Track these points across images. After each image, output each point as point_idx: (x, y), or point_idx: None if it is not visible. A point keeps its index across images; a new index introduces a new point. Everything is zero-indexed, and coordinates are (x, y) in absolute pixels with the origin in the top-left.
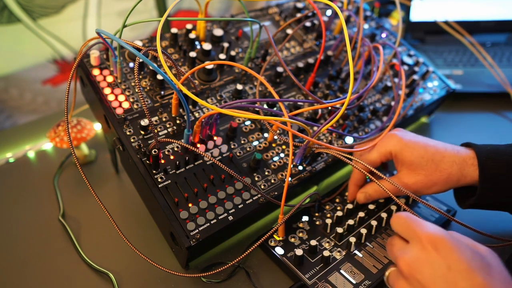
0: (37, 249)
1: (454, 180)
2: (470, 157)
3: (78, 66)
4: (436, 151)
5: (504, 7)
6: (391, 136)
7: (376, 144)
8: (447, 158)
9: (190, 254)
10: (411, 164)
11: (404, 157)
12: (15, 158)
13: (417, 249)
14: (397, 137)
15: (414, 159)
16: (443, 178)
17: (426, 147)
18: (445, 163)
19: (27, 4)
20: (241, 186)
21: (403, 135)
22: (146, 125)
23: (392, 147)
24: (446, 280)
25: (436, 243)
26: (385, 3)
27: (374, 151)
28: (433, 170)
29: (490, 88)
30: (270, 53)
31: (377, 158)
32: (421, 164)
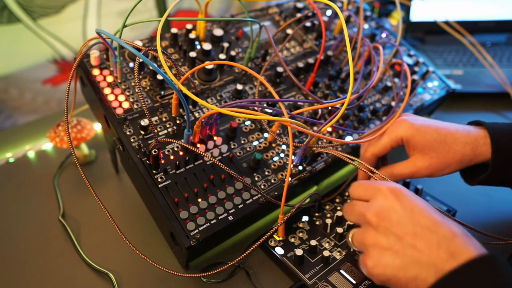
0: (37, 249)
1: (467, 160)
2: (482, 136)
3: (78, 66)
4: (448, 133)
5: (504, 7)
6: (401, 121)
7: (385, 131)
8: (459, 139)
9: (190, 254)
10: (423, 148)
11: (417, 141)
12: (15, 158)
13: (381, 200)
14: (408, 122)
15: (426, 143)
16: (457, 159)
17: (438, 129)
18: (457, 144)
19: (27, 4)
20: (241, 186)
21: (414, 120)
22: (146, 125)
23: (403, 132)
24: (411, 221)
25: (397, 193)
26: (385, 3)
27: (385, 137)
28: (446, 152)
29: (490, 88)
30: (270, 53)
31: (387, 144)
32: (434, 147)
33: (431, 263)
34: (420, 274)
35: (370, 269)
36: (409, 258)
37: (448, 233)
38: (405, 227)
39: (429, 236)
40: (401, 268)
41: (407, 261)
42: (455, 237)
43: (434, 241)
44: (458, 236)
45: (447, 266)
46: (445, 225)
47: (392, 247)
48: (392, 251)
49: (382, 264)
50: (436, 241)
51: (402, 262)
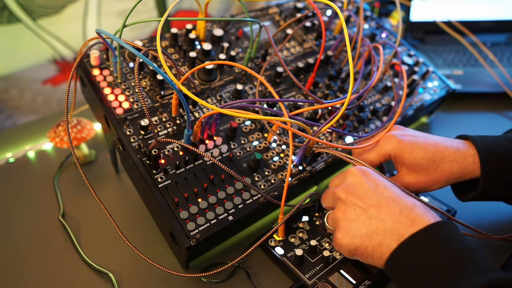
0: (37, 249)
1: (455, 178)
2: (470, 154)
3: (78, 66)
4: (436, 151)
5: (504, 7)
6: (389, 137)
7: (375, 143)
8: (447, 157)
9: (190, 254)
10: (411, 165)
11: (404, 158)
12: (15, 158)
13: (350, 179)
14: (396, 138)
15: (414, 160)
16: (444, 177)
17: (426, 147)
18: (446, 162)
19: (27, 4)
20: (241, 186)
21: (402, 136)
22: (146, 125)
23: (390, 149)
24: (376, 193)
25: (364, 172)
26: (385, 3)
27: (373, 152)
28: (433, 170)
29: (490, 88)
30: (270, 53)
31: (375, 159)
32: (422, 165)
33: (393, 229)
34: (384, 240)
35: (339, 240)
36: (374, 226)
37: (408, 203)
38: (370, 199)
39: (391, 205)
40: (367, 236)
41: (372, 229)
42: (415, 207)
43: (396, 210)
44: (417, 206)
45: (408, 231)
46: (406, 197)
47: (358, 217)
48: (359, 221)
49: (350, 234)
50: (398, 209)
51: (368, 231)
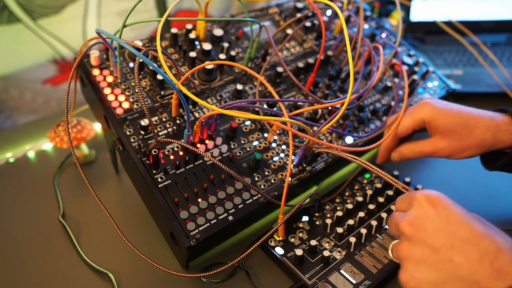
0: (37, 249)
1: (487, 145)
2: (505, 123)
3: (78, 66)
4: (470, 117)
5: (504, 7)
6: (424, 104)
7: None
8: (481, 123)
9: (190, 254)
10: (445, 130)
11: (438, 124)
12: (15, 158)
13: (416, 209)
14: (431, 105)
15: (448, 126)
16: (477, 143)
17: (460, 113)
18: (479, 128)
19: (27, 4)
20: (241, 186)
21: (436, 103)
22: (146, 125)
23: (425, 114)
24: (447, 231)
25: (433, 201)
26: (385, 3)
27: (407, 119)
28: (467, 136)
29: (490, 88)
30: (270, 53)
31: (410, 125)
32: (456, 130)
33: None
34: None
35: (404, 283)
36: (446, 272)
37: (492, 247)
38: (441, 238)
39: (469, 249)
40: (437, 283)
41: (444, 276)
42: (501, 253)
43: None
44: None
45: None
46: (488, 238)
47: (427, 260)
48: (427, 264)
49: (416, 278)
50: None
51: (438, 277)
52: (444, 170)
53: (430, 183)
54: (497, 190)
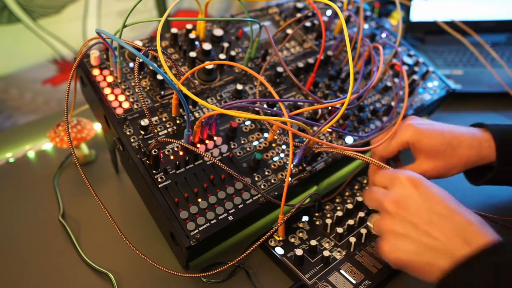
0: (37, 249)
1: (472, 162)
2: (486, 139)
3: (78, 66)
4: (453, 137)
5: (504, 7)
6: (406, 126)
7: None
8: (464, 142)
9: (190, 254)
10: (429, 152)
11: (422, 145)
12: (15, 158)
13: (400, 189)
14: (413, 127)
15: (432, 147)
16: (462, 162)
17: (443, 133)
18: (462, 148)
19: (27, 4)
20: (241, 186)
21: (419, 124)
22: (146, 125)
23: (408, 137)
24: (428, 209)
25: (415, 182)
26: (385, 3)
27: (392, 142)
28: (451, 155)
29: (490, 88)
30: (270, 53)
31: (394, 148)
32: (440, 150)
33: (446, 250)
34: (435, 260)
35: (387, 253)
36: (424, 244)
37: (463, 221)
38: (421, 215)
39: (444, 224)
40: (416, 253)
41: (422, 247)
42: (470, 225)
43: (449, 228)
44: (473, 224)
45: (461, 252)
46: (460, 214)
47: (408, 233)
48: (408, 238)
49: (398, 250)
50: (451, 228)
51: (417, 248)
52: None
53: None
54: (497, 190)
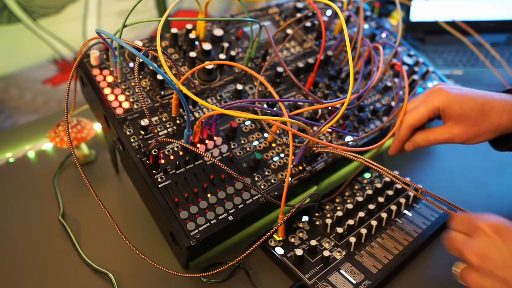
0: (37, 249)
1: (503, 129)
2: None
3: (78, 66)
4: (485, 101)
5: (504, 7)
6: (437, 90)
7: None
8: (496, 107)
9: (190, 254)
10: (460, 117)
11: (453, 110)
12: (15, 158)
13: (483, 239)
14: (444, 91)
15: (463, 112)
16: (493, 128)
17: (475, 98)
18: (494, 113)
19: (27, 4)
20: (241, 186)
21: (450, 89)
22: (146, 125)
23: (440, 102)
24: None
25: (500, 230)
26: (385, 3)
27: (422, 107)
28: (482, 121)
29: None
30: (270, 53)
31: (424, 113)
32: (471, 116)
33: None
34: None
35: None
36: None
37: None
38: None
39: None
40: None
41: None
42: None
43: None
44: None
45: None
46: None
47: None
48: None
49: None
50: None
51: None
52: (444, 169)
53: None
54: (497, 190)
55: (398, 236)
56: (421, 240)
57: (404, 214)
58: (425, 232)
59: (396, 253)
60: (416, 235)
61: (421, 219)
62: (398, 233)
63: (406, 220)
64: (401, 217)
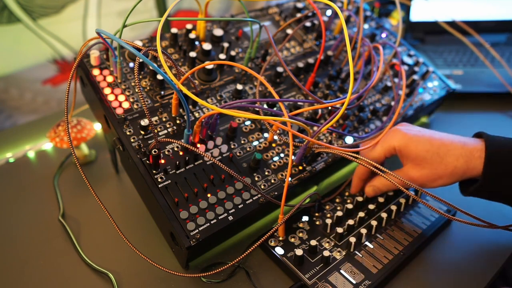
0: (37, 249)
1: (459, 173)
2: (478, 149)
3: (78, 66)
4: (442, 144)
5: (504, 7)
6: (395, 131)
7: (379, 140)
8: (452, 151)
9: (190, 254)
10: (415, 158)
11: (409, 151)
12: (15, 158)
13: None
14: (401, 132)
15: (418, 153)
16: (448, 172)
17: (431, 140)
18: (450, 156)
19: (27, 4)
20: (241, 186)
21: (407, 130)
22: (146, 125)
23: (396, 142)
24: None
25: None
26: (385, 3)
27: (378, 147)
28: (438, 164)
29: (490, 88)
30: (270, 53)
31: (381, 153)
32: (426, 158)
33: None
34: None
35: None
36: None
37: None
38: None
39: None
40: None
41: None
42: None
43: None
44: None
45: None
46: None
47: None
48: None
49: None
50: None
51: None
52: None
53: None
54: None
55: (398, 236)
56: (421, 240)
57: (404, 214)
58: (425, 232)
59: (396, 253)
60: (416, 235)
61: (421, 219)
62: (398, 233)
63: (406, 220)
64: (401, 217)
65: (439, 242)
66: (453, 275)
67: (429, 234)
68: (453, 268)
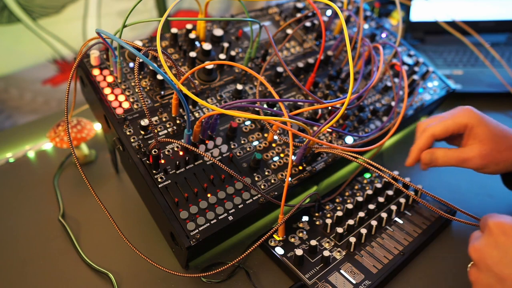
0: (37, 249)
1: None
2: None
3: (78, 66)
4: (509, 132)
5: (504, 7)
6: (466, 109)
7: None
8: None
9: (190, 254)
10: (484, 139)
11: (479, 131)
12: (15, 158)
13: (486, 236)
14: (473, 111)
15: (488, 134)
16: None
17: (499, 125)
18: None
19: (27, 4)
20: (241, 186)
21: (478, 111)
22: (146, 125)
23: (468, 119)
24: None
25: (505, 229)
26: (385, 3)
27: (449, 121)
28: (505, 148)
29: (490, 87)
30: (270, 53)
31: (449, 128)
32: (495, 140)
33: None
34: None
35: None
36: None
37: None
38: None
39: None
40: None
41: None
42: None
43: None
44: None
45: None
46: None
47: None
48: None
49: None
50: None
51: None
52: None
53: (430, 183)
54: (497, 190)
55: (398, 236)
56: (421, 240)
57: (404, 214)
58: (425, 232)
59: (396, 253)
60: (416, 235)
61: (421, 219)
62: (398, 233)
63: (406, 220)
64: (401, 217)
65: (439, 242)
66: (453, 275)
67: (429, 234)
68: (453, 268)
